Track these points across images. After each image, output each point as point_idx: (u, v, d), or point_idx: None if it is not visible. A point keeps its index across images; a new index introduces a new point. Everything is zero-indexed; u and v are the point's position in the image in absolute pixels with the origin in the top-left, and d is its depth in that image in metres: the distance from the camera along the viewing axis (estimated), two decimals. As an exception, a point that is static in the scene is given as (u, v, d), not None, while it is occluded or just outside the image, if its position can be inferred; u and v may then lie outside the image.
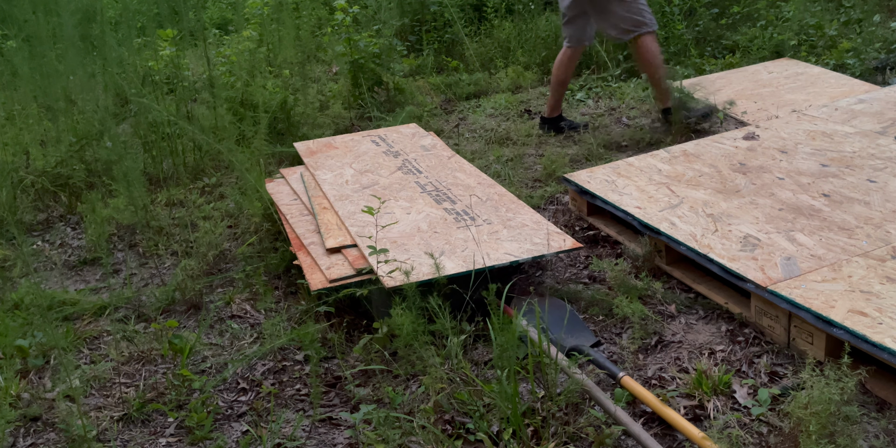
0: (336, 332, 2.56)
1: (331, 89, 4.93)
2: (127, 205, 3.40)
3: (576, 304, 2.63)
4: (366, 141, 3.75)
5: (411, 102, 4.68)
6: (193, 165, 4.03)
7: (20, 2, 4.45)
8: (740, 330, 2.41)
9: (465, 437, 2.05)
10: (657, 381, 2.24)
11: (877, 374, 2.10)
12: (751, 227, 2.66)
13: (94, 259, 3.26)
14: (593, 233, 3.12)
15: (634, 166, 3.27)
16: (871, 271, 2.32)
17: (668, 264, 2.75)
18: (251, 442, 2.13)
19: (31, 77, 4.27)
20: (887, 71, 4.56)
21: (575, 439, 2.02)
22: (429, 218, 2.87)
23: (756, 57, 4.96)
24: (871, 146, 3.20)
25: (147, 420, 2.26)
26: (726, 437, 1.93)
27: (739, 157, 3.22)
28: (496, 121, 4.49)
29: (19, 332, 2.59)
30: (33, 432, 2.23)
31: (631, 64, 5.08)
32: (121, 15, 5.05)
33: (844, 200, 2.77)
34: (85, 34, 4.52)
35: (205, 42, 4.48)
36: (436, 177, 3.25)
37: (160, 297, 2.87)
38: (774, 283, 2.32)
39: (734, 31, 5.37)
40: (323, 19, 5.85)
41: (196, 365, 2.49)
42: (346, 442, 2.12)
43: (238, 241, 3.29)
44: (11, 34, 4.69)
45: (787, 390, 2.11)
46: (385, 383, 2.30)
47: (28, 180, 3.75)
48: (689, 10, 5.50)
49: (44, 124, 4.12)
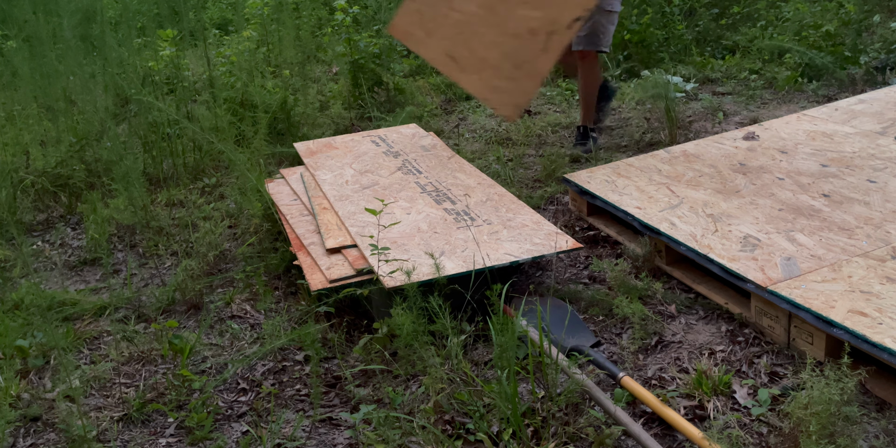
0: (336, 333, 2.56)
1: (331, 89, 4.93)
2: (127, 205, 3.40)
3: (576, 304, 2.63)
4: (366, 141, 3.75)
5: (411, 103, 4.68)
6: (193, 165, 4.03)
7: (20, 2, 4.45)
8: (740, 330, 2.41)
9: (465, 438, 2.05)
10: (657, 381, 2.24)
11: (877, 374, 2.10)
12: (751, 228, 2.66)
13: (94, 259, 3.26)
14: (593, 233, 3.12)
15: (634, 166, 3.27)
16: (871, 271, 2.32)
17: (668, 264, 2.75)
18: (251, 442, 2.13)
19: (31, 77, 4.28)
20: (887, 71, 4.57)
21: (575, 439, 2.02)
22: (429, 218, 2.87)
23: (756, 57, 4.96)
24: (871, 146, 3.20)
25: (147, 420, 2.26)
26: (726, 437, 1.93)
27: (739, 158, 3.22)
28: (496, 121, 4.49)
29: (19, 333, 2.59)
30: (33, 432, 2.23)
31: (631, 64, 5.08)
32: (121, 15, 5.06)
33: (844, 201, 2.77)
34: (85, 34, 4.52)
35: (205, 42, 4.48)
36: (436, 177, 3.25)
37: (160, 297, 2.87)
38: (774, 284, 2.32)
39: (734, 31, 5.38)
40: (323, 19, 5.85)
41: (196, 365, 2.49)
42: (346, 442, 2.12)
43: (238, 242, 3.29)
44: (11, 34, 4.69)
45: (787, 390, 2.11)
46: (385, 383, 2.30)
47: (28, 180, 3.75)
48: (689, 11, 5.50)
49: (44, 124, 4.12)
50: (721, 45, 5.34)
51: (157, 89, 4.30)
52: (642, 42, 5.12)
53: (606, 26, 3.63)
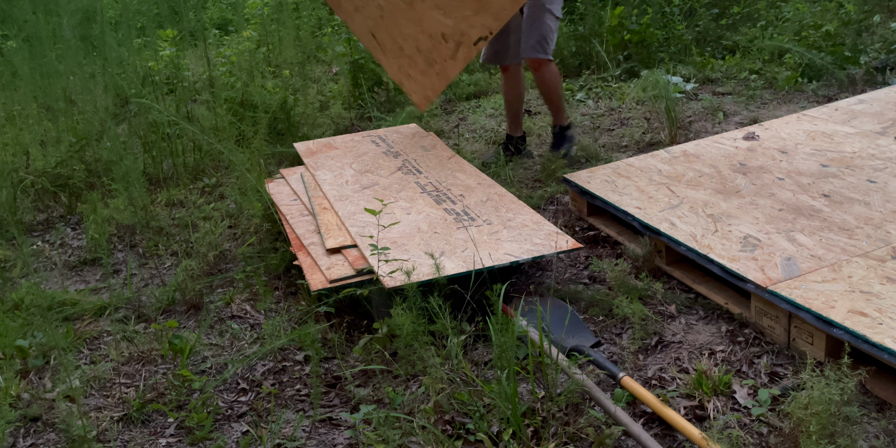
0: (336, 333, 2.56)
1: (331, 89, 4.93)
2: (127, 205, 3.40)
3: (576, 304, 2.63)
4: (366, 141, 3.75)
5: (411, 103, 4.68)
6: (193, 165, 4.03)
7: (20, 2, 4.45)
8: (740, 330, 2.41)
9: (465, 438, 2.05)
10: (657, 381, 2.24)
11: (877, 374, 2.10)
12: (751, 228, 2.66)
13: (94, 259, 3.26)
14: (593, 233, 3.12)
15: (634, 166, 3.27)
16: (871, 272, 2.32)
17: (669, 265, 2.75)
18: (251, 442, 2.13)
19: (31, 77, 4.28)
20: (887, 71, 4.57)
21: (575, 440, 2.02)
22: (429, 218, 2.87)
23: (756, 57, 4.96)
24: (871, 146, 3.20)
25: (147, 420, 2.26)
26: (726, 437, 1.93)
27: (739, 158, 3.22)
28: (496, 121, 4.49)
29: (19, 333, 2.59)
30: (33, 432, 2.23)
31: (631, 64, 5.08)
32: (121, 15, 5.05)
33: (844, 201, 2.77)
34: (85, 34, 4.52)
35: (205, 42, 4.48)
36: (436, 177, 3.25)
37: (160, 297, 2.87)
38: (774, 284, 2.32)
39: (734, 31, 5.38)
40: (323, 19, 5.85)
41: (196, 365, 2.49)
42: (346, 442, 2.12)
43: (238, 242, 3.29)
44: (11, 34, 4.69)
45: (788, 391, 2.11)
46: (385, 383, 2.30)
47: (28, 180, 3.75)
48: (689, 11, 5.50)
49: (44, 124, 4.12)
50: (721, 45, 5.34)
51: (157, 89, 4.30)
52: (642, 42, 5.12)
53: (555, 32, 3.47)
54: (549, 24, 3.39)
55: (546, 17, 3.36)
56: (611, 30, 5.12)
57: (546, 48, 3.45)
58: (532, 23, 3.37)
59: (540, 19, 3.37)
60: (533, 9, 3.37)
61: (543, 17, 3.35)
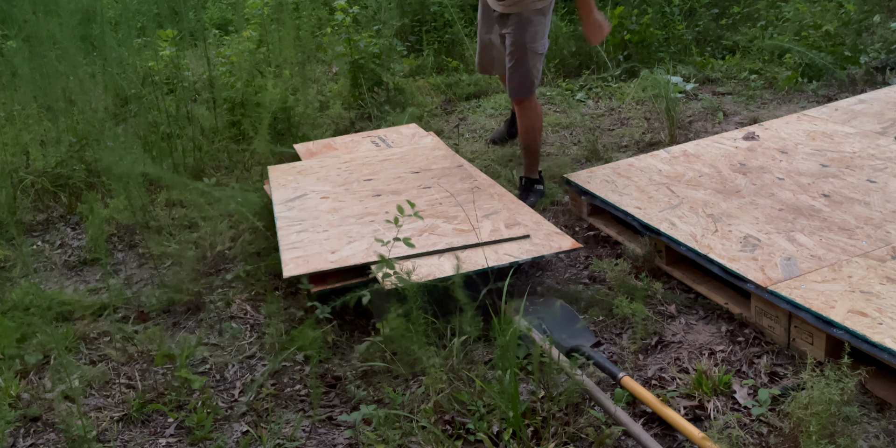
0: (336, 333, 2.56)
1: (331, 89, 4.93)
2: (126, 205, 3.39)
3: (576, 304, 2.63)
4: (366, 141, 3.75)
5: (411, 103, 4.68)
6: (193, 165, 4.02)
7: (20, 2, 4.45)
8: (740, 330, 2.41)
9: (465, 438, 2.05)
10: (657, 381, 2.24)
11: (877, 374, 2.10)
12: (751, 228, 2.66)
13: (93, 259, 3.26)
14: (593, 233, 3.12)
15: (634, 166, 3.27)
16: (871, 272, 2.32)
17: (669, 265, 2.75)
18: (251, 442, 2.13)
19: (31, 77, 4.27)
20: (887, 71, 4.57)
21: (575, 440, 2.02)
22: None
23: (756, 57, 4.96)
24: (871, 146, 3.20)
25: (147, 420, 2.26)
26: (726, 437, 1.93)
27: (739, 158, 3.22)
28: (496, 121, 4.48)
29: (19, 333, 2.59)
30: (33, 433, 2.23)
31: (631, 64, 5.08)
32: (121, 15, 5.05)
33: (844, 201, 2.77)
34: (85, 34, 4.52)
35: (205, 42, 4.48)
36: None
37: (160, 297, 2.87)
38: (774, 284, 2.32)
39: (734, 31, 5.38)
40: (323, 19, 5.84)
41: (196, 365, 2.49)
42: (346, 442, 2.12)
43: (238, 242, 3.28)
44: (11, 34, 4.69)
45: (788, 390, 2.11)
46: (385, 383, 2.30)
47: (28, 180, 3.75)
48: (689, 11, 5.50)
49: (44, 124, 4.11)
50: (721, 45, 5.34)
51: (157, 89, 4.30)
52: (642, 42, 5.12)
53: (539, 70, 3.29)
54: (532, 63, 3.22)
55: (528, 57, 3.16)
56: (611, 30, 5.11)
57: (530, 89, 3.28)
58: (514, 64, 3.21)
59: (521, 60, 3.17)
60: (514, 46, 3.19)
61: (525, 58, 3.17)
